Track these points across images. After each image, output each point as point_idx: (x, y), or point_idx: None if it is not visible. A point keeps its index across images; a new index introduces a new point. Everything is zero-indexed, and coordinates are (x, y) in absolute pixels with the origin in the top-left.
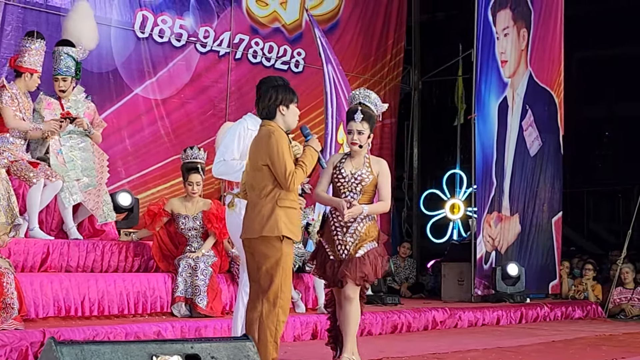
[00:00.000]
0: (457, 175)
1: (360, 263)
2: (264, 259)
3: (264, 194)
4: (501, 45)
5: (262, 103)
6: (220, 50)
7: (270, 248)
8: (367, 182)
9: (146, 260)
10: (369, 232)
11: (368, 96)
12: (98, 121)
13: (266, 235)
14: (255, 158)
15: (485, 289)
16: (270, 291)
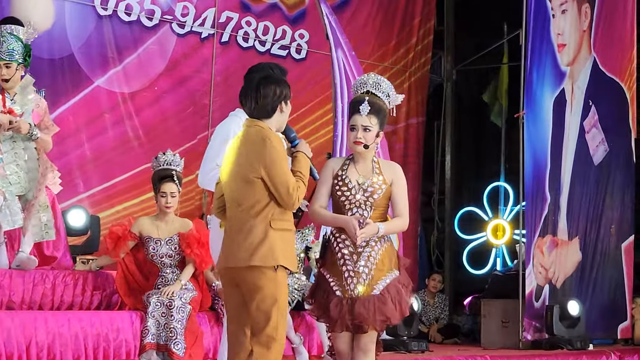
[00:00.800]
0: (501, 189)
1: (380, 302)
2: (255, 293)
3: (254, 213)
4: (558, 25)
5: (261, 98)
6: (202, 32)
7: (262, 279)
8: (379, 194)
9: (108, 295)
10: (387, 257)
11: (378, 84)
12: (49, 123)
13: (258, 265)
14: (243, 168)
15: (537, 333)
16: (263, 333)
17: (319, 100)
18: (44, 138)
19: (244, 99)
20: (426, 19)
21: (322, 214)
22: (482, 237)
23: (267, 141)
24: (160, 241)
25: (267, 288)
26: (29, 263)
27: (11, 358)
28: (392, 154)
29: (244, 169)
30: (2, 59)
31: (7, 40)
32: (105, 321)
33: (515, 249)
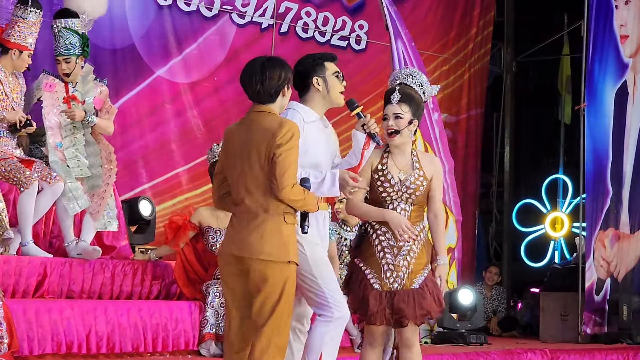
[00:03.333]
0: (560, 181)
1: (420, 296)
2: (263, 286)
3: (267, 203)
4: (621, 16)
5: (267, 82)
6: (262, 22)
7: (273, 273)
8: (421, 190)
9: (167, 284)
10: (425, 252)
11: (411, 75)
12: (109, 107)
13: (270, 259)
14: (259, 156)
15: (597, 326)
16: (267, 326)
17: (379, 92)
18: (103, 124)
19: (247, 82)
20: (486, 10)
21: (363, 207)
22: (541, 230)
23: (284, 125)
24: (220, 231)
25: (276, 282)
26: (93, 254)
27: (71, 347)
28: (454, 145)
29: (260, 156)
30: (61, 54)
31: (63, 35)
32: (164, 311)
33: (573, 242)
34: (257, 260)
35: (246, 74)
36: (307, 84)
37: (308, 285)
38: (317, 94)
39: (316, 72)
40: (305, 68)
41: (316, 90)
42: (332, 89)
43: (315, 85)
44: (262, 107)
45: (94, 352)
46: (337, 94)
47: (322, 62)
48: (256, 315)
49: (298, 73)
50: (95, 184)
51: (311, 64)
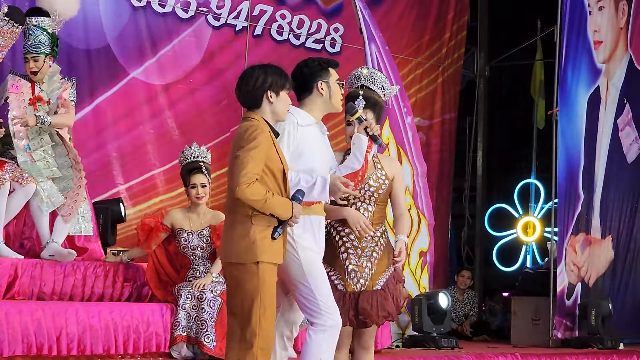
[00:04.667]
0: (532, 186)
1: (382, 298)
2: (237, 287)
3: (234, 206)
4: (595, 22)
5: (244, 87)
6: (237, 24)
7: (244, 273)
8: (383, 189)
9: (139, 286)
10: (387, 253)
11: (372, 77)
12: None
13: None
14: (230, 157)
15: (568, 331)
16: (246, 330)
17: None
18: (59, 120)
19: (236, 90)
20: (460, 15)
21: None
22: (513, 234)
23: (249, 128)
24: (192, 233)
25: (248, 284)
26: (67, 256)
27: (42, 349)
28: (428, 149)
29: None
30: (30, 52)
31: (33, 33)
32: (135, 313)
33: (545, 247)
34: (228, 263)
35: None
36: (310, 87)
37: (300, 292)
38: (319, 99)
39: (321, 77)
40: (311, 71)
41: (319, 94)
42: (334, 95)
43: (319, 89)
44: (247, 113)
45: (64, 354)
46: (338, 100)
47: (327, 68)
48: (239, 317)
49: (302, 75)
50: (66, 185)
51: (317, 68)
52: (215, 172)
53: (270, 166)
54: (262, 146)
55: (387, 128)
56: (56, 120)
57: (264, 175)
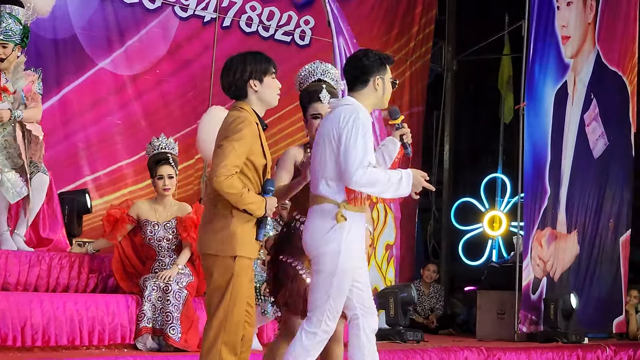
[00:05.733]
0: (498, 180)
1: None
2: (209, 278)
3: (215, 197)
4: (563, 17)
5: (225, 80)
6: (205, 16)
7: (219, 266)
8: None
9: (104, 278)
10: None
11: (328, 71)
12: (32, 94)
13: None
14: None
15: (533, 325)
16: (214, 322)
17: None
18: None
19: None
20: (428, 9)
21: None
22: (479, 228)
23: (236, 119)
24: (158, 225)
25: (220, 277)
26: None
27: (6, 339)
28: None
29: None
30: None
31: (5, 21)
32: (100, 304)
33: (511, 241)
34: (205, 255)
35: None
36: (366, 80)
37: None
38: (373, 93)
39: (379, 72)
40: (370, 64)
41: (373, 89)
42: (387, 93)
43: (374, 84)
44: (235, 103)
45: (29, 344)
46: (388, 98)
47: (385, 64)
48: (206, 310)
49: (361, 66)
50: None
51: (377, 63)
52: (181, 164)
53: (252, 160)
54: (247, 139)
55: None
56: (27, 115)
57: (244, 168)
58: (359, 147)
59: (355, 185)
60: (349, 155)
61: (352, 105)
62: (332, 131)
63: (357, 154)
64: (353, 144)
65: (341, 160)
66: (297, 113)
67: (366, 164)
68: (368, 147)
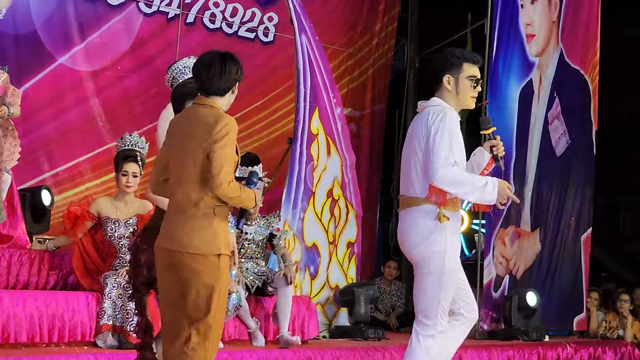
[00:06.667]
0: None
1: None
2: (195, 279)
3: (198, 197)
4: (527, 15)
5: (227, 75)
6: (169, 12)
7: (204, 264)
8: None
9: (65, 275)
10: None
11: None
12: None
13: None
14: (195, 149)
15: (494, 323)
16: (203, 321)
17: (287, 85)
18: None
19: (204, 73)
20: (391, 6)
21: None
22: None
23: (220, 120)
24: (119, 222)
25: (207, 275)
26: None
27: None
28: (358, 140)
29: (195, 150)
30: None
31: None
32: (61, 302)
33: (473, 239)
34: (187, 254)
35: (203, 64)
36: (437, 79)
37: (429, 286)
38: (447, 93)
39: (449, 71)
40: (440, 63)
41: (446, 89)
42: (462, 91)
43: (444, 83)
44: (207, 100)
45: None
46: (468, 97)
47: (461, 63)
48: (191, 309)
49: (432, 66)
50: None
51: (447, 62)
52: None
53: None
54: (234, 141)
55: (316, 119)
56: (16, 111)
57: None
58: (444, 145)
59: (439, 183)
60: (434, 153)
61: (440, 106)
62: (421, 131)
63: (442, 152)
64: (438, 142)
65: (427, 157)
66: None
67: (451, 162)
68: (454, 147)
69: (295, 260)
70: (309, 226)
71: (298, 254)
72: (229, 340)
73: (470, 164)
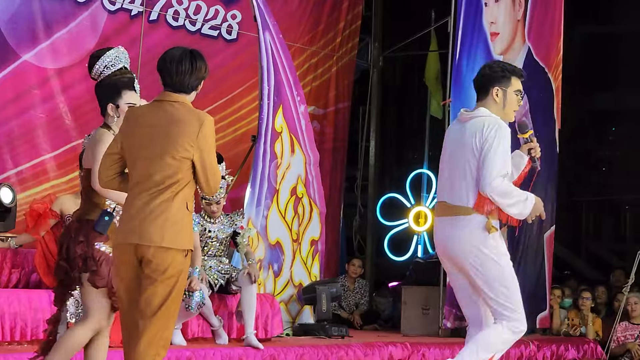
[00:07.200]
0: (424, 176)
1: None
2: (160, 274)
3: (172, 192)
4: (491, 14)
5: (197, 73)
6: (132, 9)
7: (174, 260)
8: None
9: (27, 273)
10: None
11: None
12: None
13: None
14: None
15: (457, 321)
16: (160, 314)
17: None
18: None
19: (173, 69)
20: (354, 4)
21: None
22: (404, 224)
23: (205, 123)
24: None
25: (172, 270)
26: None
27: None
28: (322, 138)
29: (172, 147)
30: None
31: None
32: (23, 300)
33: None
34: (156, 248)
35: (171, 61)
36: (487, 90)
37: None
38: (494, 105)
39: (499, 83)
40: (491, 75)
41: (493, 100)
42: (508, 105)
43: (493, 95)
44: (178, 97)
45: None
46: (512, 111)
47: (510, 77)
48: (145, 305)
49: (483, 77)
50: None
51: (498, 74)
52: None
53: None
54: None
55: (280, 116)
56: None
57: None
58: (500, 156)
59: (491, 192)
60: (490, 163)
61: (492, 117)
62: (474, 141)
63: (498, 163)
64: (494, 153)
65: (481, 167)
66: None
67: (504, 173)
68: (507, 158)
69: (259, 258)
70: (272, 224)
71: (262, 251)
72: (192, 338)
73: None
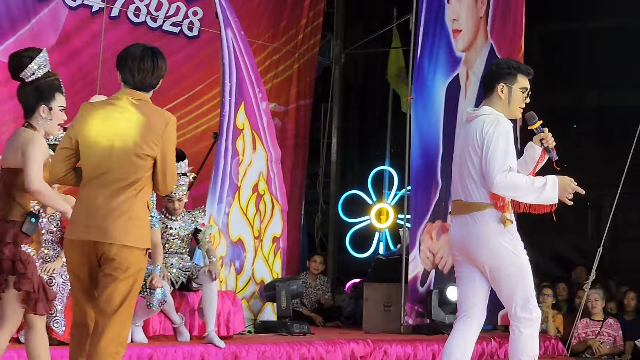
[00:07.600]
0: (386, 173)
1: None
2: (121, 272)
3: (134, 190)
4: (453, 11)
5: (158, 72)
6: (93, 5)
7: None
8: None
9: None
10: None
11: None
12: None
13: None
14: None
15: (419, 318)
16: (119, 312)
17: (212, 80)
18: None
19: (135, 67)
20: (317, 1)
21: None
22: (366, 221)
23: (170, 123)
24: (42, 217)
25: (133, 268)
26: None
27: None
28: (283, 135)
29: (137, 144)
30: None
31: None
32: None
33: (398, 233)
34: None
35: (133, 59)
36: (492, 87)
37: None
38: (499, 101)
39: (505, 80)
40: (497, 71)
41: (498, 97)
42: (513, 102)
43: (498, 91)
44: (140, 95)
45: None
46: (517, 108)
47: (516, 74)
48: (105, 304)
49: (489, 73)
50: None
51: (503, 71)
52: None
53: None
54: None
55: (242, 113)
56: None
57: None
58: (500, 151)
59: (497, 189)
60: (490, 160)
61: (493, 114)
62: (476, 139)
63: (498, 159)
64: (494, 150)
65: (483, 164)
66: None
67: (506, 168)
68: (509, 152)
69: (221, 255)
70: (234, 221)
71: (223, 249)
72: (153, 335)
73: (523, 159)
